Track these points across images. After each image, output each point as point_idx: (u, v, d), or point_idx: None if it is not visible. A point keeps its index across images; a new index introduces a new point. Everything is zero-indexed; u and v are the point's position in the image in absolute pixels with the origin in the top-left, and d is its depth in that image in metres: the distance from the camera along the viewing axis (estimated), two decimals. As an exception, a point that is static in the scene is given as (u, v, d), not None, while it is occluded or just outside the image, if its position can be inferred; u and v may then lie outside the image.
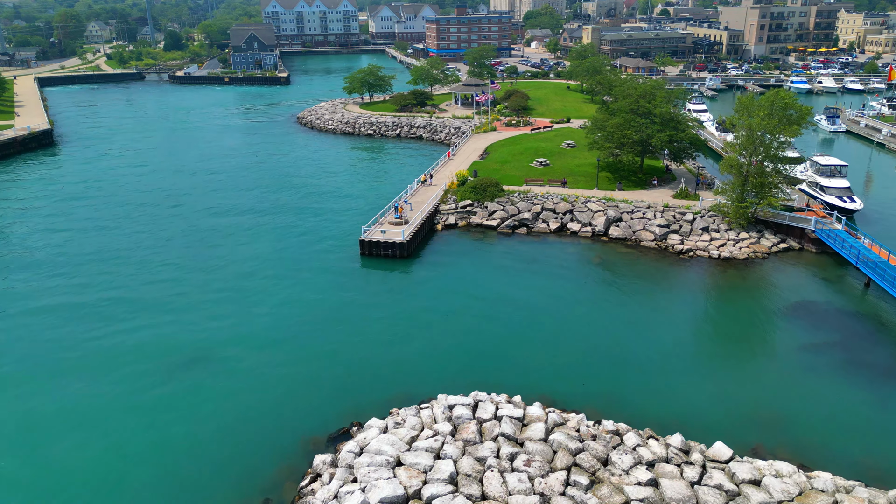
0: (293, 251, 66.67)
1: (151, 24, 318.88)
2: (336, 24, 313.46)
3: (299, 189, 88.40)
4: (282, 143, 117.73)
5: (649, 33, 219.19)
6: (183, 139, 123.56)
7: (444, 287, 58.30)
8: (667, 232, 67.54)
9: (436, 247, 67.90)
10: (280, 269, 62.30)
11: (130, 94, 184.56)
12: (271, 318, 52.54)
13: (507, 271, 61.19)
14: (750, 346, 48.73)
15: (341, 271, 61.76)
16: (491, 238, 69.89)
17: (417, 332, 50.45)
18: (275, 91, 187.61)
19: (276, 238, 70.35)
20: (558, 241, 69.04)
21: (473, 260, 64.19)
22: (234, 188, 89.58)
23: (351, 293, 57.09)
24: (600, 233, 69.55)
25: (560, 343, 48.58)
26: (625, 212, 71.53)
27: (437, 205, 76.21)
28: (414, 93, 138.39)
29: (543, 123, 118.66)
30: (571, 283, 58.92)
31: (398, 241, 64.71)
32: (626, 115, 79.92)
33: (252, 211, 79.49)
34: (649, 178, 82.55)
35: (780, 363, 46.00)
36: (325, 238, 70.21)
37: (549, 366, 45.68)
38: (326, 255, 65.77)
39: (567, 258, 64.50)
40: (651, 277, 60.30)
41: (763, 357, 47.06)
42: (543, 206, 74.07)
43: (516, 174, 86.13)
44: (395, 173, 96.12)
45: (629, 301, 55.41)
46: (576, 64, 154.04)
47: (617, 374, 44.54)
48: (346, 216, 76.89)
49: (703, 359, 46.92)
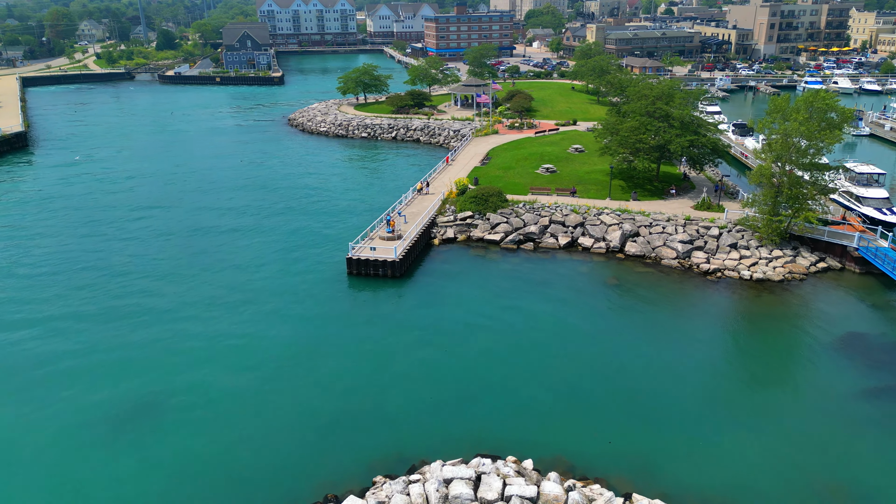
0: (272, 271, 59.51)
1: (144, 23, 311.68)
2: (333, 23, 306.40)
3: (283, 198, 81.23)
4: (269, 147, 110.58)
5: (655, 32, 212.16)
6: (163, 143, 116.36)
7: (441, 315, 51.13)
8: (690, 249, 60.39)
9: (432, 265, 60.78)
10: (255, 292, 55.12)
11: (117, 95, 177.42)
12: (237, 357, 45.27)
13: (513, 295, 54.05)
14: (800, 392, 41.53)
15: (325, 295, 54.57)
16: (493, 254, 62.77)
17: (409, 372, 43.27)
18: (268, 91, 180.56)
19: (253, 256, 63.17)
20: (568, 258, 61.90)
21: (474, 281, 57.05)
22: (212, 197, 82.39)
23: (333, 324, 49.88)
24: (615, 249, 62.42)
25: (576, 386, 41.44)
26: (642, 225, 64.39)
27: (434, 216, 69.10)
28: (411, 93, 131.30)
29: (548, 126, 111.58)
30: (585, 310, 51.76)
31: (390, 260, 57.58)
32: (642, 117, 72.78)
33: (228, 223, 72.32)
34: (666, 186, 75.46)
35: (837, 414, 38.82)
36: (309, 255, 63.05)
37: (565, 415, 38.56)
38: (309, 275, 58.62)
39: (579, 279, 57.37)
40: (676, 303, 53.14)
41: (816, 406, 39.83)
42: (552, 218, 66.97)
43: (521, 182, 79.03)
44: (390, 180, 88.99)
45: (653, 332, 48.26)
46: (581, 63, 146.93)
47: (646, 427, 37.38)
48: (334, 229, 69.73)
49: (744, 407, 39.73)
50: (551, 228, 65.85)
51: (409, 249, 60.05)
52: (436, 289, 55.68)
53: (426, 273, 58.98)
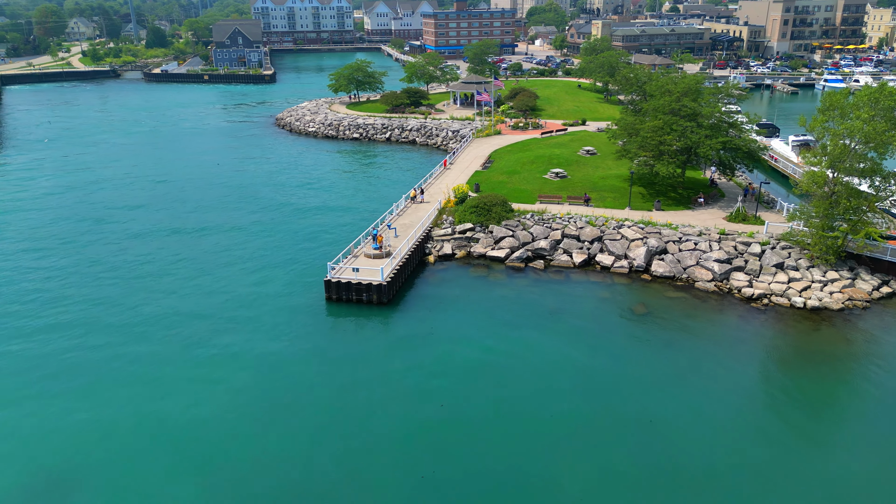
0: (236, 294, 50.61)
1: (135, 20, 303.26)
2: (329, 20, 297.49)
3: (259, 207, 72.34)
4: (252, 149, 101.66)
5: (664, 28, 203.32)
6: (137, 144, 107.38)
7: (436, 354, 42.25)
8: (729, 269, 51.49)
9: (426, 288, 51.88)
10: (211, 322, 46.22)
11: (99, 93, 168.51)
12: (179, 420, 36.34)
13: (521, 328, 45.18)
14: (874, 458, 32.66)
15: (295, 328, 45.64)
16: (498, 274, 53.90)
17: (395, 435, 34.39)
18: (257, 90, 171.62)
19: (216, 275, 54.28)
20: (585, 279, 53.03)
21: (475, 309, 48.14)
22: (179, 204, 73.46)
23: (302, 367, 40.96)
24: (640, 269, 53.54)
25: (604, 454, 32.58)
26: (670, 240, 55.52)
27: (429, 229, 60.25)
28: (407, 91, 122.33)
29: (555, 126, 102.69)
30: (610, 348, 42.87)
31: (375, 283, 48.69)
32: (666, 116, 63.89)
33: (193, 235, 63.41)
34: (692, 194, 66.61)
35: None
36: (282, 274, 54.15)
37: (591, 497, 29.70)
38: (280, 299, 49.72)
39: (600, 307, 48.47)
40: (718, 339, 44.22)
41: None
42: (564, 231, 58.11)
43: (527, 188, 70.16)
44: (381, 186, 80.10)
45: (694, 379, 39.38)
46: (588, 60, 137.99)
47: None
48: (314, 243, 60.87)
49: (821, 486, 30.87)
50: (564, 243, 57.01)
51: (398, 269, 51.18)
52: (430, 319, 46.79)
53: (419, 298, 50.11)
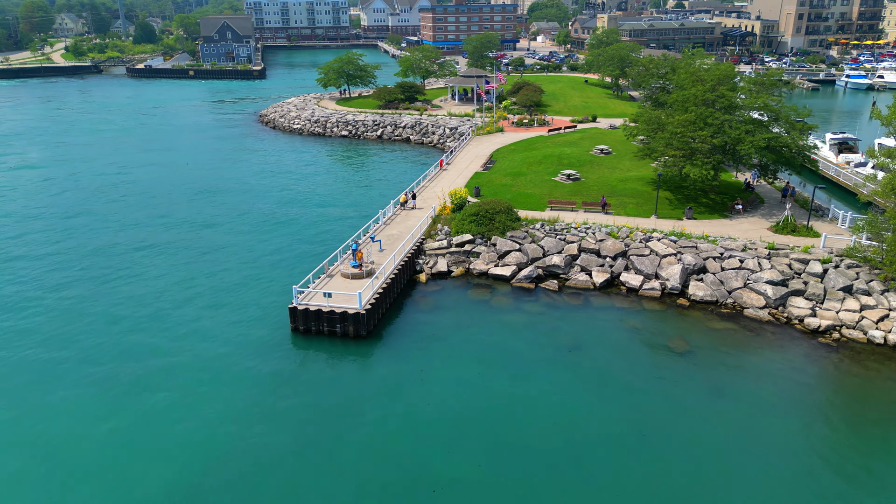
0: (183, 324, 41.29)
1: (123, 16, 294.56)
2: (324, 16, 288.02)
3: (227, 213, 63.05)
4: (229, 148, 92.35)
5: (673, 23, 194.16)
6: (99, 143, 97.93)
7: (425, 409, 32.93)
8: (786, 294, 42.20)
9: (415, 316, 42.55)
10: (145, 363, 36.89)
11: (77, 89, 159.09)
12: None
13: (532, 370, 35.89)
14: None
15: (249, 371, 36.29)
16: (502, 297, 44.61)
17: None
18: (245, 86, 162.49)
19: (165, 297, 44.93)
20: (608, 303, 43.74)
21: (475, 344, 38.84)
22: (139, 208, 64.15)
23: (252, 427, 31.59)
24: (674, 291, 44.26)
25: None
26: (710, 256, 46.21)
27: (421, 241, 50.98)
28: (401, 86, 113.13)
29: (563, 123, 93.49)
30: (645, 399, 33.57)
31: (352, 312, 39.37)
32: (698, 108, 54.59)
33: (146, 247, 54.05)
34: (727, 199, 57.40)
35: None
36: (244, 297, 44.82)
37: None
38: (236, 331, 40.41)
39: (629, 342, 39.16)
40: (781, 385, 34.90)
41: None
42: (581, 244, 48.84)
43: (535, 192, 60.94)
44: (369, 190, 70.85)
45: (754, 443, 30.09)
46: (597, 53, 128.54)
47: None
48: (286, 258, 51.57)
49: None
50: (582, 259, 47.71)
51: (382, 293, 41.84)
52: (419, 357, 37.46)
53: (406, 329, 40.77)
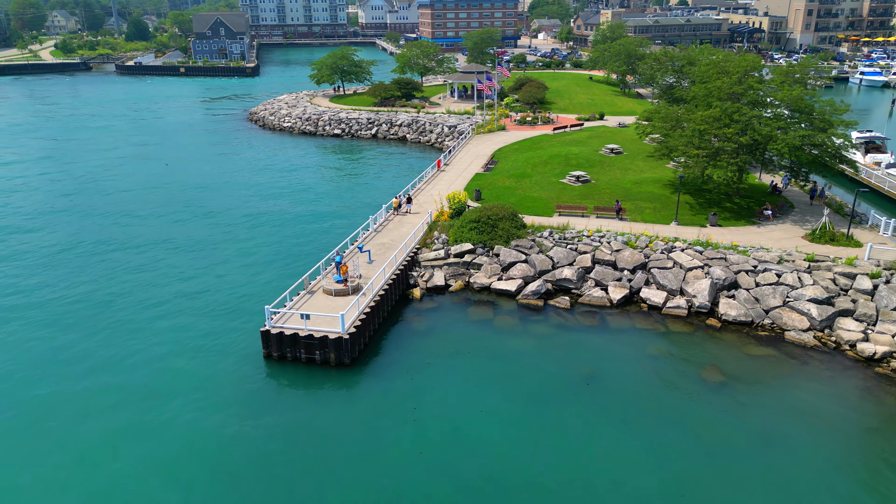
0: (141, 351, 35.85)
1: (116, 13, 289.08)
2: (321, 13, 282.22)
3: (202, 219, 57.66)
4: (214, 148, 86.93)
5: (678, 19, 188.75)
6: (78, 142, 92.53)
7: (420, 461, 27.51)
8: (833, 314, 36.81)
9: (407, 340, 37.12)
10: (92, 397, 31.47)
11: (63, 86, 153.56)
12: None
13: (542, 408, 30.50)
14: None
15: (213, 409, 30.84)
16: (507, 316, 39.21)
17: None
18: (238, 83, 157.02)
19: (122, 317, 39.51)
20: (628, 323, 38.34)
21: (476, 374, 33.43)
22: (103, 217, 58.75)
23: (207, 485, 26.18)
24: (703, 309, 38.88)
25: None
26: (741, 269, 40.78)
27: (416, 251, 45.57)
28: (398, 82, 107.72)
29: (569, 121, 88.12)
30: (677, 445, 28.15)
31: (333, 337, 33.92)
32: (723, 103, 49.15)
33: (103, 264, 48.64)
34: (753, 203, 52.01)
35: None
36: (212, 318, 39.40)
37: None
38: (202, 358, 35.00)
39: (654, 371, 33.74)
40: (837, 428, 29.46)
41: None
42: (595, 255, 43.45)
43: (541, 196, 55.56)
44: (361, 193, 65.51)
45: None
46: (603, 48, 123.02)
47: None
48: (263, 272, 46.15)
49: None
50: (596, 272, 42.30)
51: (369, 313, 36.42)
52: (409, 392, 32.06)
53: (395, 356, 35.33)
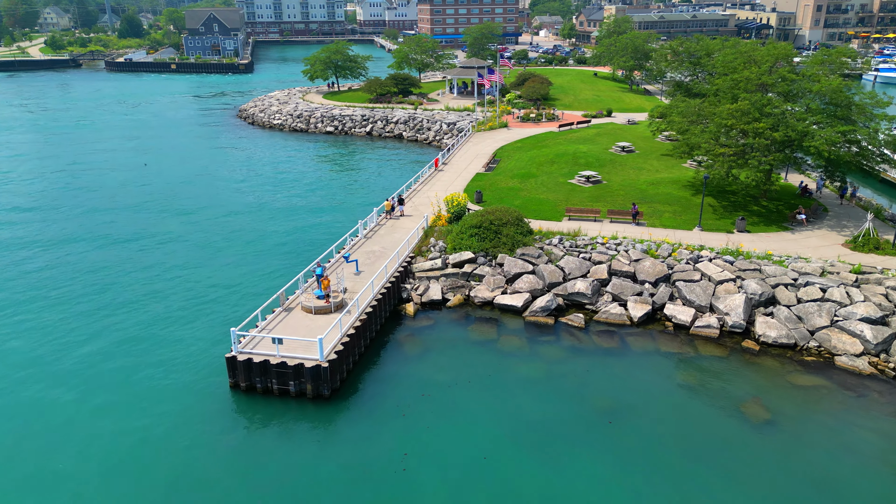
0: (91, 380, 30.87)
1: (109, 10, 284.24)
2: (318, 10, 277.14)
3: (179, 224, 52.67)
4: (199, 146, 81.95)
5: (684, 15, 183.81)
6: (53, 140, 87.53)
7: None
8: (890, 336, 31.82)
9: (396, 366, 32.07)
10: (29, 440, 26.48)
11: (49, 83, 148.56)
12: None
13: (556, 451, 25.50)
14: None
15: (167, 447, 25.84)
16: (513, 336, 34.22)
17: None
18: (230, 80, 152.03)
19: (75, 339, 34.52)
20: (652, 345, 33.34)
21: (478, 410, 28.42)
22: (70, 220, 53.77)
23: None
24: (737, 328, 33.90)
25: None
26: (779, 283, 35.77)
27: (410, 260, 40.57)
28: (394, 78, 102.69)
29: (575, 118, 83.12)
30: (716, 500, 23.14)
31: (310, 365, 28.89)
32: (755, 95, 44.14)
33: (62, 270, 43.64)
34: (785, 207, 47.05)
35: None
36: (172, 343, 34.38)
37: None
38: (159, 388, 30.01)
39: (684, 404, 28.73)
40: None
41: None
42: (611, 265, 38.45)
43: (549, 198, 50.57)
44: (353, 195, 60.56)
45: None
46: (608, 43, 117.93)
47: None
48: (236, 287, 41.15)
49: None
50: (613, 285, 37.28)
51: (354, 334, 31.40)
52: (400, 431, 27.04)
53: (384, 386, 30.30)
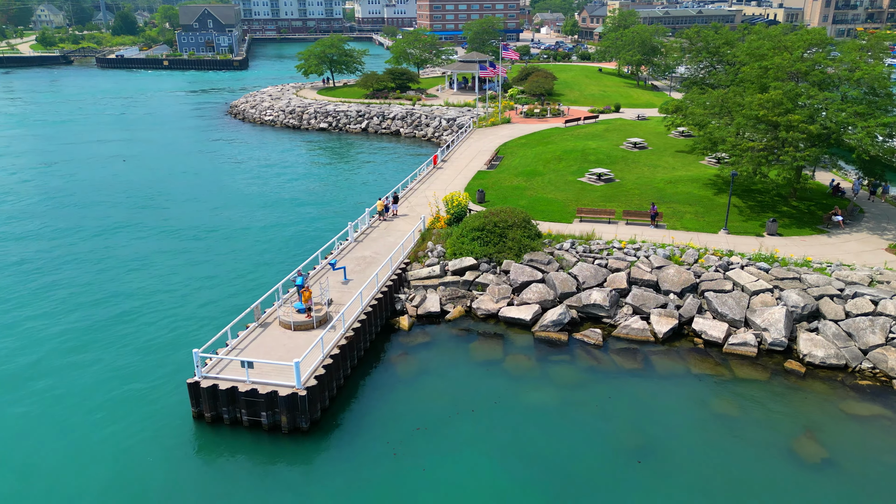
0: (29, 412, 26.58)
1: (104, 7, 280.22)
2: (316, 7, 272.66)
3: (147, 231, 48.40)
4: (185, 142, 77.70)
5: (690, 10, 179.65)
6: (29, 136, 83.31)
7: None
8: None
9: (387, 391, 27.74)
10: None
11: (36, 80, 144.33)
12: None
13: (578, 498, 21.25)
14: None
15: (118, 490, 21.54)
16: (521, 356, 29.95)
17: None
18: (224, 77, 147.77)
19: (24, 355, 30.24)
20: (681, 366, 29.08)
21: (483, 446, 24.13)
22: (32, 222, 49.49)
23: None
24: (777, 346, 29.65)
25: None
26: (824, 294, 31.50)
27: (405, 266, 36.29)
28: (391, 72, 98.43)
29: (581, 113, 78.87)
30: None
31: (285, 393, 24.56)
32: (788, 83, 39.87)
33: (21, 280, 39.39)
34: (816, 208, 42.85)
35: None
36: (137, 362, 30.12)
37: None
38: (112, 419, 25.74)
39: (725, 439, 24.47)
40: None
41: None
42: (631, 274, 34.19)
43: (558, 198, 46.32)
44: (345, 195, 56.33)
45: None
46: (614, 37, 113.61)
47: None
48: (211, 298, 36.88)
49: None
50: (634, 296, 33.00)
51: (338, 355, 27.11)
52: (392, 473, 22.75)
53: (372, 418, 26.00)
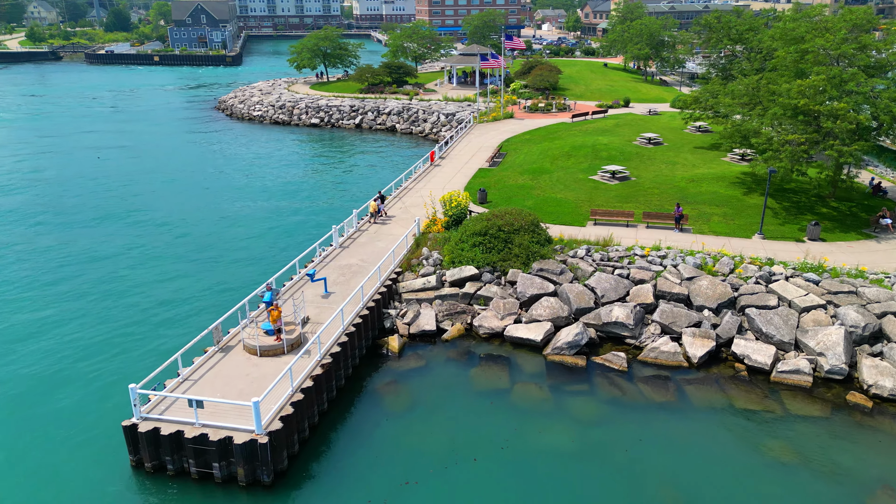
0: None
1: (98, 4, 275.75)
2: (313, 4, 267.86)
3: (115, 236, 43.64)
4: (167, 138, 72.88)
5: (696, 5, 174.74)
6: (13, 127, 78.56)
7: None
8: None
9: (370, 433, 22.90)
10: None
11: (24, 76, 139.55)
12: None
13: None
14: None
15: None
16: (531, 385, 25.20)
17: None
18: (216, 72, 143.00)
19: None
20: (721, 398, 24.33)
21: (484, 502, 19.39)
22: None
23: None
24: (836, 374, 24.90)
25: None
26: (889, 311, 26.73)
27: (395, 276, 31.47)
28: (388, 66, 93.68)
29: (588, 108, 74.10)
30: None
31: (242, 440, 19.71)
32: (832, 68, 35.07)
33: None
34: (863, 210, 38.08)
35: None
36: (68, 406, 25.36)
37: None
38: (41, 468, 20.91)
39: (782, 493, 19.65)
40: None
41: None
42: (657, 286, 29.38)
43: (568, 198, 41.55)
44: (335, 195, 51.55)
45: None
46: (621, 30, 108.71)
47: None
48: (174, 318, 32.10)
49: None
50: (662, 313, 28.20)
51: (310, 389, 22.28)
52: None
53: (351, 469, 21.14)
